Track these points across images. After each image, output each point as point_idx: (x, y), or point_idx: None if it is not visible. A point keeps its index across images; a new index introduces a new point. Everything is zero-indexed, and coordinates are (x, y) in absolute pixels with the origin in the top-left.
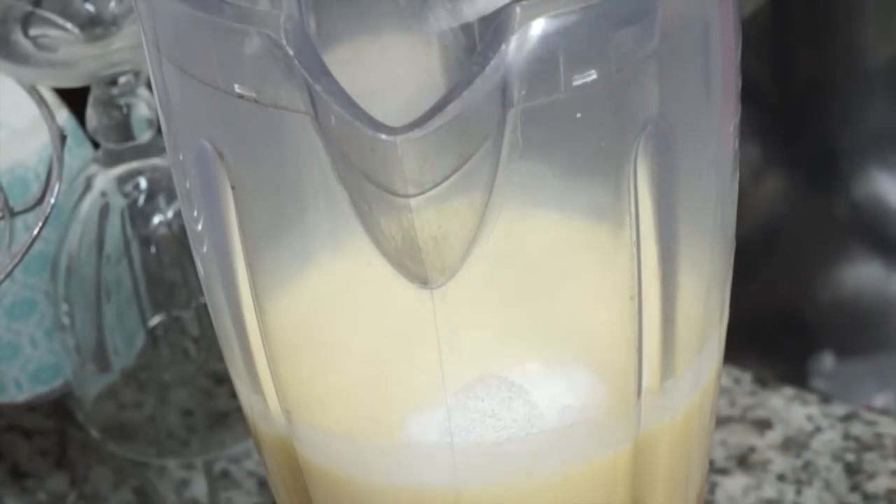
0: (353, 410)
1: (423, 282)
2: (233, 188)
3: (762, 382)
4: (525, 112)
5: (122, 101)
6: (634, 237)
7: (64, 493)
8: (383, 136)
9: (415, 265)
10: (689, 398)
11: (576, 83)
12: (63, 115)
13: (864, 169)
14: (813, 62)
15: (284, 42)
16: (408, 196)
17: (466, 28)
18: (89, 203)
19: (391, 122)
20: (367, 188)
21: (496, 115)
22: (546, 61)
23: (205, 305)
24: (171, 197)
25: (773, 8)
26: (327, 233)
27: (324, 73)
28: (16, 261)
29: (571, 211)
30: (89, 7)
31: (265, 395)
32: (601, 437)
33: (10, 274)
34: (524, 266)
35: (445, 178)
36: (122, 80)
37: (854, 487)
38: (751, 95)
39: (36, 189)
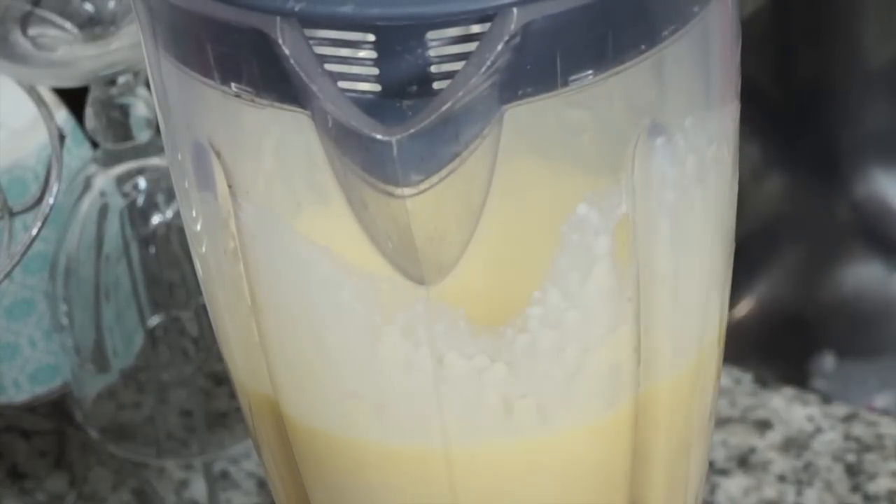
0: (350, 408)
1: (420, 281)
2: (230, 187)
3: (762, 383)
4: (522, 111)
5: (120, 101)
6: (632, 237)
7: (63, 494)
8: (378, 136)
9: (411, 265)
10: (689, 398)
11: (573, 82)
12: (62, 115)
13: (864, 169)
14: (813, 62)
15: (281, 41)
16: (404, 196)
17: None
18: (88, 203)
19: None
20: (364, 188)
21: (492, 115)
22: (543, 60)
23: (204, 306)
24: (170, 197)
25: (774, 8)
26: (324, 232)
27: (319, 73)
28: (15, 261)
29: (569, 210)
30: (88, 7)
31: (264, 395)
32: (599, 438)
33: (9, 274)
34: (521, 265)
35: (441, 178)
36: (121, 79)
37: (855, 488)
38: (751, 95)
39: (35, 189)
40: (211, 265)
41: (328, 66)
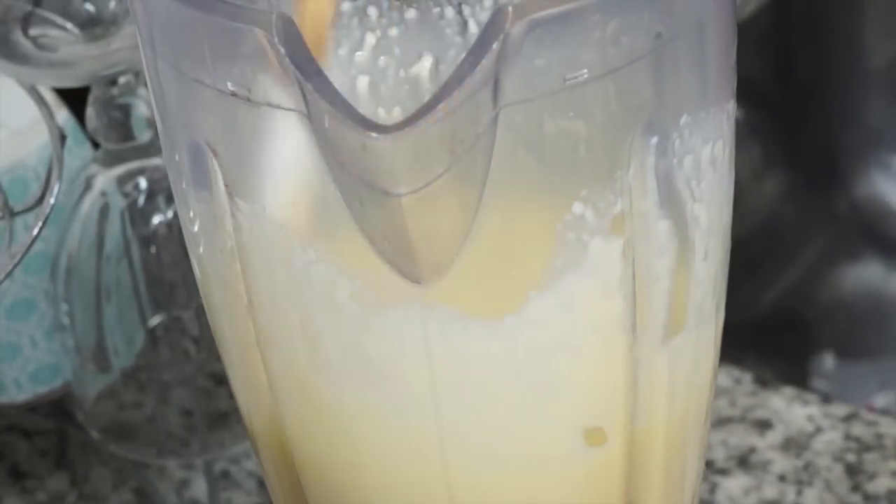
0: (347, 412)
1: (416, 280)
2: (226, 186)
3: (762, 383)
4: (517, 110)
5: (121, 101)
6: (628, 235)
7: (64, 494)
8: (374, 135)
9: (407, 263)
10: (685, 397)
11: (568, 82)
12: (63, 115)
13: (864, 169)
14: (813, 62)
15: (276, 40)
16: (399, 195)
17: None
18: (89, 203)
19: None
20: (359, 187)
21: (488, 114)
22: (538, 60)
23: None
24: (170, 197)
25: (774, 8)
26: (320, 231)
27: (315, 72)
28: (16, 261)
29: (565, 210)
30: (89, 7)
31: (261, 395)
32: (594, 437)
33: (10, 274)
34: (517, 264)
35: (437, 177)
36: (121, 80)
37: (855, 488)
38: (751, 95)
39: (36, 189)
40: (208, 265)
41: None
